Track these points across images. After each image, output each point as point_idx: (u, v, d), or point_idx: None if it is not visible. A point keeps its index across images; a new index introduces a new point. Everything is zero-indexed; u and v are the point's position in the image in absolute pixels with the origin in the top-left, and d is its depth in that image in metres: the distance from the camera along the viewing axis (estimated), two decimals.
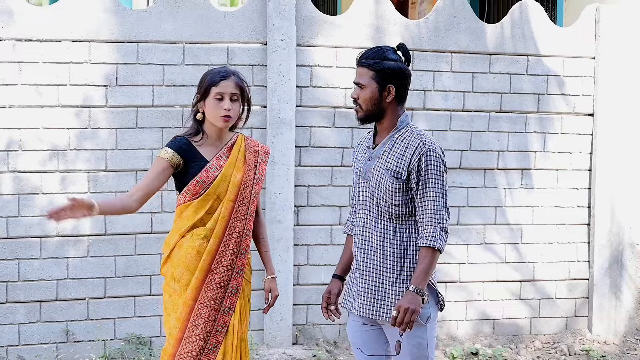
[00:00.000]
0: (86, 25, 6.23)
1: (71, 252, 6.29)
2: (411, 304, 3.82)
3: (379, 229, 4.02)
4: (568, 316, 7.28)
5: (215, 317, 4.23)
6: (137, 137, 6.37)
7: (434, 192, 3.91)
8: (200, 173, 4.19)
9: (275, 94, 6.52)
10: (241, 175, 4.29)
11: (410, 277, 3.96)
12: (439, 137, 6.88)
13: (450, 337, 7.02)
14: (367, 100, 3.99)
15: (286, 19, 6.51)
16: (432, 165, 3.92)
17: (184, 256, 4.20)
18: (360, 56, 4.02)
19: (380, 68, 3.95)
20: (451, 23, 6.86)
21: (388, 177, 3.96)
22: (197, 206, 4.20)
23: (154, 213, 6.40)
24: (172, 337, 4.21)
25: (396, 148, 3.99)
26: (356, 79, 4.02)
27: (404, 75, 3.99)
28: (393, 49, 4.02)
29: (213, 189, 4.20)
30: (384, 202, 3.99)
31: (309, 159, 6.71)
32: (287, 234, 6.59)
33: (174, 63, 6.40)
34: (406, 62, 4.02)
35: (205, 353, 4.21)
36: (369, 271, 4.04)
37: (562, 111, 7.16)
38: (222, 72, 4.30)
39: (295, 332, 6.74)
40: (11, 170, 6.17)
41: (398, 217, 3.98)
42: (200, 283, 4.21)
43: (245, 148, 4.37)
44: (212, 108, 4.24)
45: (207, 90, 4.25)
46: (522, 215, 7.13)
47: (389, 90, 3.97)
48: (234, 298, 4.29)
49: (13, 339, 6.23)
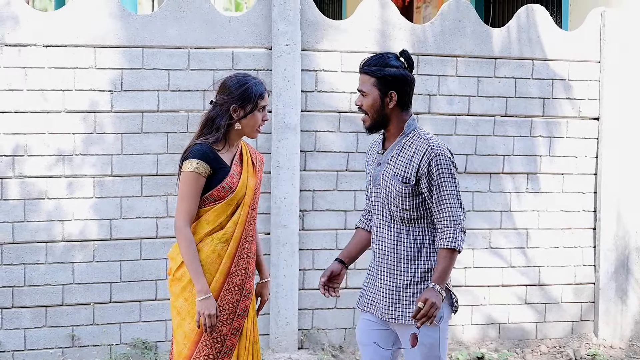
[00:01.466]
0: (91, 31, 6.24)
1: (77, 257, 6.30)
2: (435, 298, 3.84)
3: (392, 232, 4.06)
4: (574, 321, 7.27)
5: (231, 321, 4.26)
6: (143, 142, 6.38)
7: (448, 194, 3.96)
8: (226, 179, 4.20)
9: (281, 99, 6.53)
10: (254, 180, 4.34)
11: (424, 279, 4.00)
12: (444, 142, 6.87)
13: (455, 342, 7.01)
14: (370, 107, 4.02)
15: (291, 24, 6.52)
16: (443, 169, 3.95)
17: (204, 260, 4.20)
18: (363, 63, 4.05)
19: (382, 75, 3.97)
20: (456, 27, 6.86)
21: (397, 183, 3.98)
22: (219, 210, 4.22)
23: (160, 218, 6.41)
24: (188, 339, 4.22)
25: (404, 153, 4.02)
26: (359, 87, 4.05)
27: (406, 81, 4.01)
28: (396, 55, 4.04)
29: (236, 194, 4.23)
30: (394, 207, 4.02)
31: (314, 163, 6.71)
32: (293, 239, 6.59)
33: (179, 68, 6.41)
34: (409, 68, 4.03)
35: (221, 356, 4.24)
36: (385, 274, 4.08)
37: (567, 115, 7.15)
38: (259, 81, 4.28)
39: (301, 336, 6.73)
40: (17, 176, 6.19)
41: (410, 220, 4.02)
42: (220, 286, 4.23)
43: (250, 154, 4.41)
44: (254, 121, 4.24)
45: (256, 104, 4.22)
46: (527, 220, 7.12)
47: (391, 97, 3.99)
48: (248, 301, 4.33)
49: (19, 343, 6.24)
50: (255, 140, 6.50)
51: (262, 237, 6.59)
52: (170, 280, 4.31)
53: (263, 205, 6.56)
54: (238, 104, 4.20)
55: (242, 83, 4.23)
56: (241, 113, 4.21)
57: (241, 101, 4.20)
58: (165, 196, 6.40)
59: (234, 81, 4.25)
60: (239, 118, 4.22)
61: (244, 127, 4.24)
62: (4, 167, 6.16)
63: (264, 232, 6.62)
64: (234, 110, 4.21)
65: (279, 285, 6.56)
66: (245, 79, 4.25)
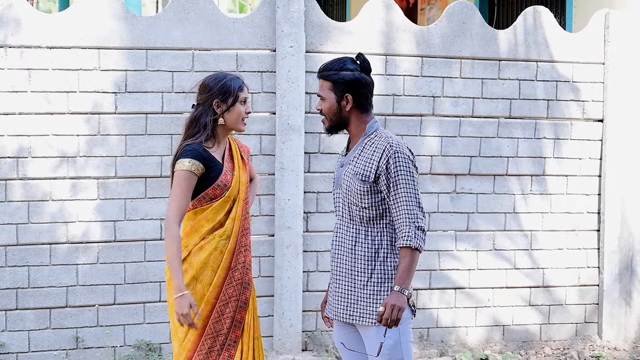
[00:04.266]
0: (95, 32, 6.24)
1: (81, 259, 6.30)
2: (397, 301, 3.88)
3: (351, 233, 4.11)
4: (578, 322, 7.26)
5: (233, 314, 4.35)
6: (147, 143, 6.37)
7: (405, 192, 3.98)
8: (220, 177, 4.30)
9: (285, 101, 6.52)
10: (245, 175, 4.46)
11: (382, 280, 4.04)
12: (448, 143, 6.88)
13: (460, 344, 7.00)
14: (328, 111, 4.12)
15: (295, 26, 6.51)
16: (401, 166, 3.99)
17: (206, 257, 4.30)
18: (320, 68, 4.15)
19: (336, 79, 4.08)
20: (461, 29, 6.86)
21: (356, 181, 4.04)
22: (217, 208, 4.31)
23: (164, 220, 6.40)
24: (192, 334, 4.29)
25: (365, 152, 4.08)
26: (318, 91, 4.16)
27: (360, 83, 4.08)
28: (352, 59, 4.13)
29: (232, 191, 4.33)
30: (354, 205, 4.07)
31: (318, 165, 6.70)
32: (297, 241, 6.59)
33: (183, 70, 6.41)
34: (364, 71, 4.09)
35: (225, 348, 4.33)
36: (342, 275, 4.14)
37: (571, 117, 7.14)
38: (235, 76, 4.40)
39: (305, 338, 6.73)
40: (21, 177, 6.19)
41: (369, 220, 4.06)
42: (222, 281, 4.33)
43: (239, 149, 4.51)
44: (237, 114, 4.35)
45: (236, 96, 4.33)
46: (531, 221, 7.11)
47: (347, 99, 4.08)
48: (248, 293, 4.43)
49: (23, 345, 6.24)
50: (259, 142, 6.50)
51: (266, 239, 6.61)
52: (168, 279, 4.37)
53: (267, 207, 6.57)
54: (219, 99, 4.33)
55: (220, 79, 4.36)
56: (224, 107, 4.33)
57: (221, 95, 4.32)
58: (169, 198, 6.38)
59: (211, 79, 4.39)
60: (222, 112, 4.33)
61: (228, 121, 4.35)
62: (8, 168, 6.16)
63: (267, 233, 6.62)
64: (217, 105, 4.33)
65: (283, 287, 6.56)
66: (222, 75, 4.40)
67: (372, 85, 4.14)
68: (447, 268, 6.92)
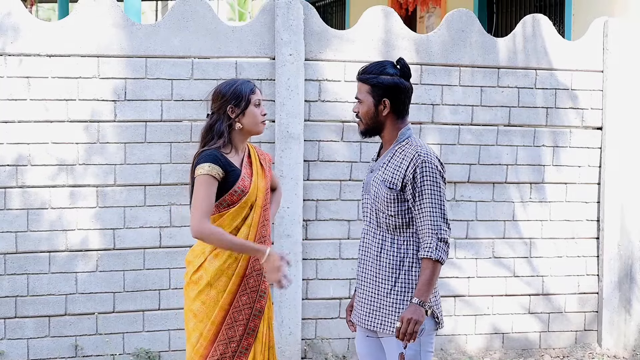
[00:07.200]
0: (95, 41, 6.25)
1: (80, 267, 6.30)
2: (414, 314, 3.85)
3: (377, 240, 4.08)
4: (578, 330, 7.25)
5: (247, 321, 4.35)
6: (146, 151, 6.37)
7: (430, 203, 3.94)
8: (237, 183, 4.28)
9: (284, 109, 6.53)
10: (264, 182, 4.44)
11: (405, 289, 4.01)
12: (447, 151, 6.88)
13: (459, 352, 6.99)
14: (365, 114, 4.08)
15: (295, 34, 6.52)
16: (427, 176, 3.96)
17: (222, 264, 4.30)
18: (360, 71, 4.10)
19: (375, 83, 4.03)
20: (460, 37, 6.87)
21: (383, 188, 4.01)
22: (234, 214, 4.30)
23: (163, 228, 6.40)
24: (205, 339, 4.31)
25: (394, 160, 4.05)
26: (356, 94, 4.12)
27: (399, 89, 4.04)
28: (392, 63, 4.08)
29: (249, 197, 4.31)
30: (381, 212, 4.04)
31: (317, 173, 6.70)
32: (296, 248, 6.59)
33: (183, 78, 6.41)
34: (404, 77, 4.05)
35: (237, 356, 4.33)
36: (367, 281, 4.11)
37: (570, 125, 7.15)
38: (247, 80, 4.43)
39: (304, 346, 6.72)
40: (20, 185, 6.18)
41: (395, 228, 4.02)
42: (236, 288, 4.32)
43: (258, 156, 4.50)
44: (252, 116, 4.35)
45: (248, 100, 4.33)
46: (531, 229, 7.11)
47: (385, 104, 4.04)
48: (263, 302, 4.43)
49: (22, 353, 6.23)
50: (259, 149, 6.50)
51: None
52: (187, 283, 4.39)
53: None
54: (233, 104, 4.33)
55: (232, 84, 4.38)
56: (237, 111, 4.33)
57: (234, 100, 4.33)
58: (169, 206, 6.40)
59: (223, 85, 4.41)
60: (236, 116, 4.33)
61: (245, 125, 4.35)
62: (7, 177, 6.16)
63: None
64: (231, 110, 4.33)
65: (282, 295, 6.55)
66: (233, 80, 4.43)
67: (411, 91, 4.10)
68: (447, 276, 6.92)
